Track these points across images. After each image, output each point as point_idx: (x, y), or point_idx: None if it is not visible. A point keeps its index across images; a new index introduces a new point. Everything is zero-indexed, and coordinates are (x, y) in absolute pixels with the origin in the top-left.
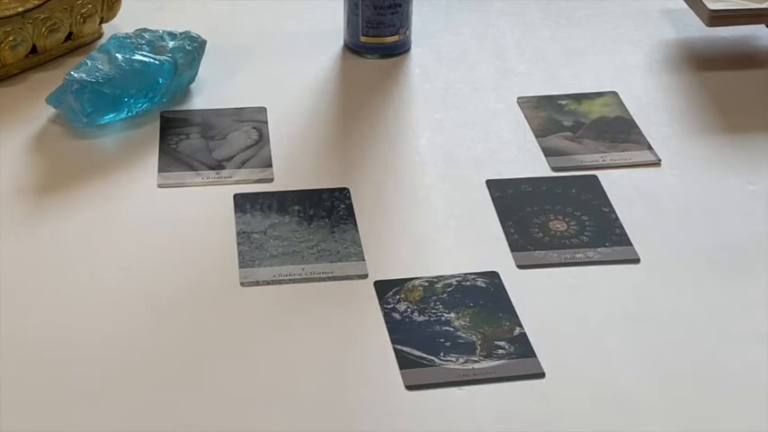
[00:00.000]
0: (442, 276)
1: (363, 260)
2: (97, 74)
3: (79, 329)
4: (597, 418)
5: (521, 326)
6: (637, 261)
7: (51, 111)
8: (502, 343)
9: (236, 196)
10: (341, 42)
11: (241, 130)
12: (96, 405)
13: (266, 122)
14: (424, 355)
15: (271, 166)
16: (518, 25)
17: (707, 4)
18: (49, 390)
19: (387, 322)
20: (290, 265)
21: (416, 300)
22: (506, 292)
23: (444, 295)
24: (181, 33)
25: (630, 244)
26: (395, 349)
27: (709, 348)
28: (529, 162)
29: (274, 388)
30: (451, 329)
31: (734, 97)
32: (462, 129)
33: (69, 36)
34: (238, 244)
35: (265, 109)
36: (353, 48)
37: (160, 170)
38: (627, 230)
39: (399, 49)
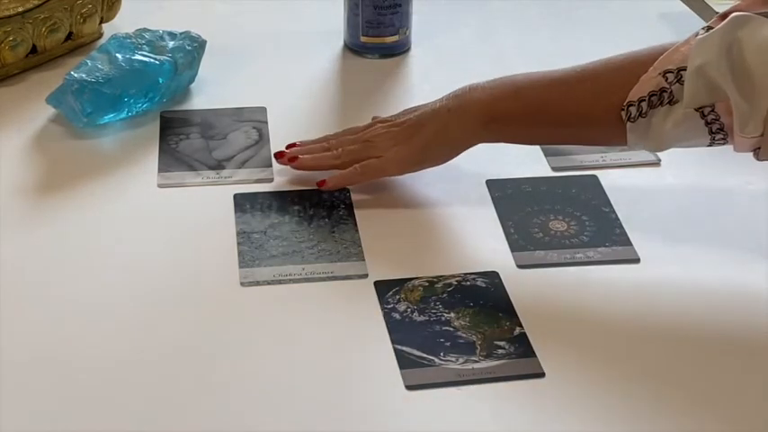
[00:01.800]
0: (441, 276)
1: (363, 260)
2: (97, 74)
3: (79, 329)
4: (597, 418)
5: (521, 326)
6: (637, 261)
7: (51, 111)
8: (502, 343)
9: (236, 196)
10: (341, 42)
11: (241, 130)
12: (96, 405)
13: (266, 122)
14: (424, 355)
15: (271, 166)
16: (518, 25)
17: (712, 7)
18: (48, 389)
19: (387, 322)
20: (290, 265)
21: (416, 300)
22: (506, 292)
23: (444, 295)
24: (181, 33)
25: (630, 244)
26: (395, 349)
27: (709, 349)
28: (529, 162)
29: (274, 388)
30: (451, 329)
31: None
32: None
33: (69, 36)
34: (238, 244)
35: (265, 109)
36: (353, 48)
37: (160, 170)
38: (627, 230)
39: (399, 49)
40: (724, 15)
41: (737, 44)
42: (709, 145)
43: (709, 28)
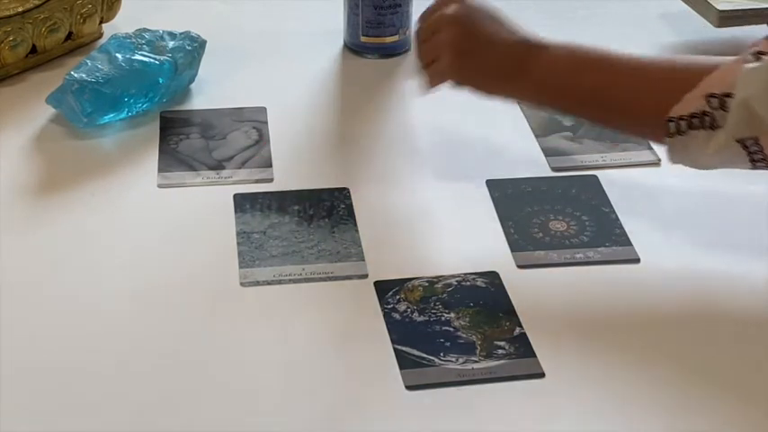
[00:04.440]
0: (441, 276)
1: (363, 260)
2: (97, 74)
3: (78, 329)
4: (597, 418)
5: (521, 326)
6: (637, 261)
7: (51, 111)
8: (502, 343)
9: (236, 196)
10: (341, 42)
11: (241, 130)
12: (96, 405)
13: (266, 122)
14: (424, 355)
15: (271, 166)
16: None
17: (715, 5)
18: (48, 389)
19: (387, 322)
20: (290, 265)
21: (416, 300)
22: (506, 292)
23: (444, 295)
24: (181, 33)
25: (630, 244)
26: (395, 349)
27: (709, 348)
28: (529, 162)
29: (274, 388)
30: (451, 329)
31: None
32: (462, 129)
33: (69, 36)
34: (238, 244)
35: (265, 109)
36: (353, 48)
37: (160, 170)
38: (627, 230)
39: (399, 49)
40: None
41: None
42: (752, 168)
43: (759, 53)
